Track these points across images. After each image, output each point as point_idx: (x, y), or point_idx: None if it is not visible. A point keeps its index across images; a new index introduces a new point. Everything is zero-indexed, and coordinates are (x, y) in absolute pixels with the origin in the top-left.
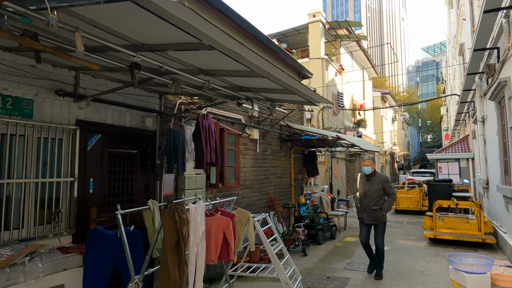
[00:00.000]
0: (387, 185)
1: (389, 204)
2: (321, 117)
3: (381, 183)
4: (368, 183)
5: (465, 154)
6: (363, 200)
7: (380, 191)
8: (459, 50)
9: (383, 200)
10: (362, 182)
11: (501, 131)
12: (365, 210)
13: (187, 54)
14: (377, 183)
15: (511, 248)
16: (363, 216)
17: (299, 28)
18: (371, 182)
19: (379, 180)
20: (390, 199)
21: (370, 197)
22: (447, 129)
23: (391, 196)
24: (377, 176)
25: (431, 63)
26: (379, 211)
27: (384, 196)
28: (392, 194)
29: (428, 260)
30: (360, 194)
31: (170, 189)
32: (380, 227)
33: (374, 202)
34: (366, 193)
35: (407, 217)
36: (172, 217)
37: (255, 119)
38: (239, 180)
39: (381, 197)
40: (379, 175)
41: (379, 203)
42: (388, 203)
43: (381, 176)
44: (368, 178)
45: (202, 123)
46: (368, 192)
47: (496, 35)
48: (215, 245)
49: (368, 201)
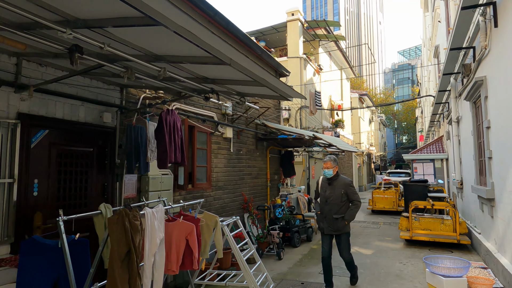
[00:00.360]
0: (351, 191)
1: (353, 213)
2: (299, 117)
3: (344, 188)
4: (330, 188)
5: (439, 155)
6: (324, 207)
7: (343, 197)
8: (434, 52)
9: (346, 208)
10: (323, 187)
11: (476, 132)
12: (326, 219)
13: (134, 34)
14: (340, 188)
15: (486, 249)
16: (323, 225)
17: (277, 26)
18: (333, 187)
19: (342, 184)
20: (353, 207)
21: (332, 204)
22: (422, 131)
23: (355, 203)
24: (340, 180)
25: (406, 66)
26: (341, 220)
27: (347, 203)
28: (356, 201)
29: (404, 263)
30: (320, 200)
31: (132, 191)
32: (343, 238)
33: (336, 209)
34: (327, 199)
35: (383, 218)
36: (121, 224)
37: (228, 117)
38: (211, 181)
39: (344, 204)
40: (342, 178)
41: (341, 211)
42: (352, 212)
43: (344, 180)
44: (329, 182)
45: (166, 119)
46: (330, 198)
47: (472, 34)
48: (176, 254)
49: (329, 208)
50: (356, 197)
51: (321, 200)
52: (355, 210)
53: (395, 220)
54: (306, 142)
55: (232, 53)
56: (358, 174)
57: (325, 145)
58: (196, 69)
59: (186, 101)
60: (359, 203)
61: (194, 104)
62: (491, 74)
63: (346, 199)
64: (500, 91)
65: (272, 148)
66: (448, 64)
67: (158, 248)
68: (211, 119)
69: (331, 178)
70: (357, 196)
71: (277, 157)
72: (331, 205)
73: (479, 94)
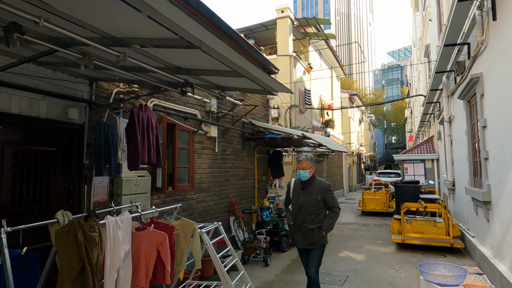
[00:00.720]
0: (329, 196)
1: (331, 222)
2: (289, 116)
3: (321, 192)
4: (304, 193)
5: (430, 155)
6: (297, 216)
7: (319, 204)
8: (424, 51)
9: (323, 216)
10: (295, 192)
11: (470, 131)
12: (300, 230)
13: (83, 10)
14: (316, 193)
15: (481, 254)
16: (296, 238)
17: (267, 23)
18: (308, 192)
19: (319, 188)
20: (332, 215)
21: (307, 212)
22: (411, 131)
23: (334, 210)
24: (316, 183)
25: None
26: (317, 231)
27: (324, 211)
28: (335, 207)
29: (397, 269)
30: (292, 207)
31: (103, 195)
32: (316, 251)
33: (311, 218)
34: (301, 206)
35: (374, 219)
36: (73, 237)
37: (213, 115)
38: (193, 182)
39: (321, 212)
40: (319, 182)
41: (318, 220)
42: (330, 220)
43: (322, 184)
44: (304, 186)
45: (139, 116)
46: (304, 205)
47: (467, 30)
48: (145, 267)
49: (303, 217)
50: (335, 203)
51: (294, 208)
52: (334, 219)
53: (386, 222)
54: (295, 141)
55: (203, 34)
56: (348, 175)
57: (315, 145)
58: (165, 55)
59: (166, 97)
60: (338, 210)
61: (175, 101)
62: (488, 71)
63: (323, 206)
64: (499, 88)
65: (260, 148)
66: (441, 62)
67: (123, 262)
68: (194, 117)
69: (306, 181)
70: (336, 202)
71: (265, 157)
72: (306, 213)
73: (474, 92)
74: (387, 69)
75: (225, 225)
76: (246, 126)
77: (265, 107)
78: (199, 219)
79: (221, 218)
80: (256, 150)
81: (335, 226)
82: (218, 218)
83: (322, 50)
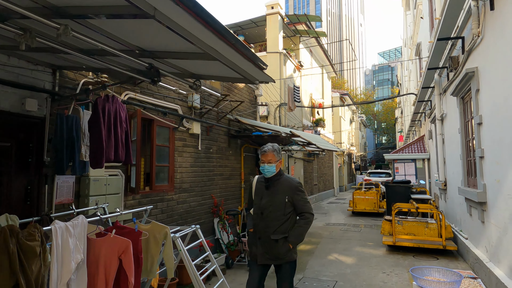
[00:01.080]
0: (300, 198)
1: (301, 232)
2: (278, 115)
3: (289, 193)
4: (268, 193)
5: (421, 155)
6: (258, 223)
7: (286, 207)
8: (416, 50)
9: (291, 224)
10: (258, 191)
11: (464, 129)
12: (260, 241)
13: None
14: (283, 194)
15: (475, 257)
16: (256, 251)
17: (256, 20)
18: (272, 192)
19: (287, 188)
20: (302, 223)
21: (270, 218)
22: (401, 131)
23: (305, 217)
24: (283, 181)
25: (386, 67)
26: (282, 243)
27: (293, 217)
28: (307, 213)
29: (388, 273)
30: (254, 211)
31: (67, 196)
32: (285, 270)
33: (276, 226)
34: (264, 210)
35: (364, 220)
36: (3, 247)
37: (196, 110)
38: (173, 182)
39: (289, 219)
40: (288, 179)
41: (283, 229)
42: (299, 230)
43: (290, 182)
44: (268, 185)
45: (104, 108)
46: (267, 208)
47: (462, 23)
48: (104, 279)
49: (265, 224)
50: (307, 208)
51: (255, 212)
52: (305, 228)
53: (376, 223)
54: (283, 140)
55: (156, 0)
56: (339, 174)
57: (304, 143)
58: (121, 32)
59: (143, 91)
60: (311, 216)
61: (153, 94)
62: (484, 65)
63: (291, 211)
64: (496, 82)
65: (247, 146)
66: (433, 58)
67: (75, 274)
68: (175, 112)
69: (270, 178)
70: (308, 207)
71: (253, 156)
72: (269, 219)
73: (469, 87)
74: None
75: (209, 227)
76: (232, 123)
77: (252, 104)
78: (180, 221)
79: (205, 220)
80: (243, 149)
81: (324, 227)
82: (201, 220)
83: (313, 49)
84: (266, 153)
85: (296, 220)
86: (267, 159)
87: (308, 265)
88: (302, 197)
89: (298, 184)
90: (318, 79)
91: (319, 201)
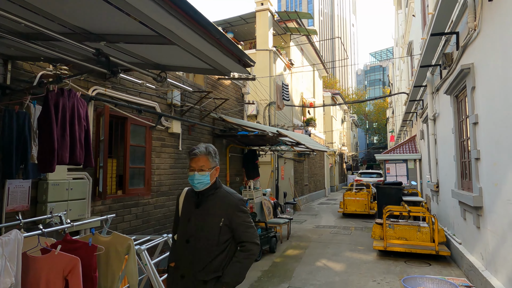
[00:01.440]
0: (242, 221)
1: (240, 269)
2: (268, 114)
3: (227, 214)
4: (199, 213)
5: (412, 155)
6: (182, 254)
7: (222, 234)
8: (407, 48)
9: (227, 257)
10: (186, 211)
11: (458, 129)
12: (183, 281)
13: None
14: (217, 215)
15: (470, 264)
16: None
17: (246, 16)
18: (204, 212)
19: (225, 206)
20: (243, 257)
21: (198, 249)
22: (393, 131)
23: (247, 248)
24: (220, 197)
25: (378, 68)
26: (214, 285)
27: (232, 248)
28: (250, 242)
29: (378, 281)
30: (178, 238)
31: (22, 202)
32: None
33: (206, 261)
34: (190, 237)
35: (354, 222)
36: None
37: (176, 108)
38: (150, 185)
39: (225, 251)
40: (226, 195)
41: (216, 266)
42: (238, 267)
43: (230, 198)
44: (199, 201)
45: (57, 103)
46: (195, 235)
47: (456, 18)
48: None
49: (192, 257)
50: (249, 235)
51: (179, 239)
52: (246, 264)
53: (367, 225)
54: (270, 139)
55: None
56: (330, 175)
57: (292, 143)
58: (60, 13)
59: (115, 86)
60: (254, 247)
61: (127, 90)
62: (481, 60)
63: (229, 240)
64: (495, 78)
65: (232, 146)
66: (426, 55)
67: None
68: (152, 109)
69: (202, 192)
70: (252, 233)
71: (239, 156)
72: (197, 250)
73: (464, 85)
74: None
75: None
76: (217, 122)
77: (239, 103)
78: (158, 226)
79: None
80: (228, 149)
81: (314, 230)
82: None
83: (304, 48)
84: (197, 156)
85: (234, 251)
86: (197, 166)
87: (295, 273)
88: (245, 220)
89: (239, 201)
90: (309, 78)
91: (309, 202)
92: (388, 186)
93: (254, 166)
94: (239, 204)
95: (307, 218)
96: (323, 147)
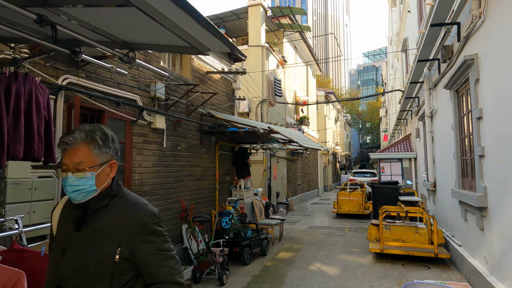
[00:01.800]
0: (153, 250)
1: None
2: (260, 111)
3: (128, 239)
4: (79, 238)
5: (407, 154)
6: None
7: (118, 274)
8: (402, 46)
9: None
10: (61, 234)
11: (459, 125)
12: None
13: None
14: (113, 241)
15: (472, 268)
16: None
17: (238, 12)
18: (87, 237)
19: (124, 227)
20: None
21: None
22: (386, 130)
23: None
24: (117, 209)
25: (371, 68)
26: None
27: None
28: (169, 282)
29: (376, 286)
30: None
31: None
32: None
33: None
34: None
35: (349, 222)
36: None
37: (160, 102)
38: (130, 184)
39: None
40: (127, 208)
41: None
42: None
43: (133, 214)
44: (80, 221)
45: (9, 88)
46: (72, 278)
47: (457, 8)
48: None
49: None
50: (167, 272)
51: (48, 283)
52: None
53: (362, 225)
54: (261, 136)
55: None
56: (324, 174)
57: (285, 141)
58: None
59: (90, 76)
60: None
61: (104, 81)
62: (486, 50)
63: (131, 281)
64: (502, 69)
65: (222, 144)
66: (424, 49)
67: None
68: (133, 103)
69: (86, 205)
70: (171, 268)
71: (230, 154)
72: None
73: (466, 77)
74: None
75: (177, 235)
76: (205, 118)
77: (230, 98)
78: None
79: (171, 227)
80: (217, 146)
81: (307, 231)
82: (167, 227)
83: (297, 45)
84: (70, 147)
85: None
86: (71, 162)
87: (287, 278)
88: (159, 248)
89: (150, 217)
90: (302, 76)
91: (303, 202)
92: (384, 185)
93: (245, 165)
94: (149, 222)
95: (300, 219)
96: (316, 145)
